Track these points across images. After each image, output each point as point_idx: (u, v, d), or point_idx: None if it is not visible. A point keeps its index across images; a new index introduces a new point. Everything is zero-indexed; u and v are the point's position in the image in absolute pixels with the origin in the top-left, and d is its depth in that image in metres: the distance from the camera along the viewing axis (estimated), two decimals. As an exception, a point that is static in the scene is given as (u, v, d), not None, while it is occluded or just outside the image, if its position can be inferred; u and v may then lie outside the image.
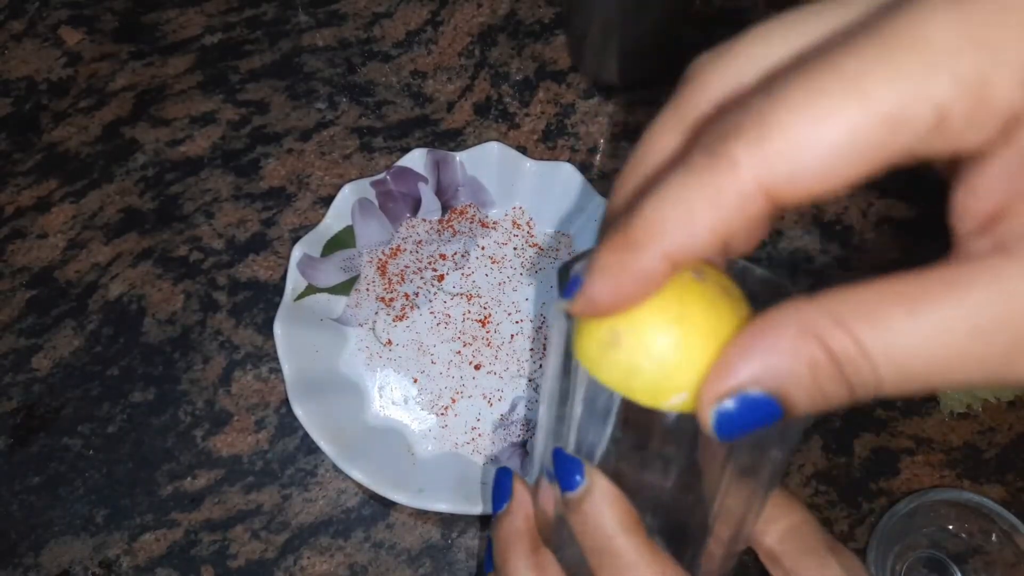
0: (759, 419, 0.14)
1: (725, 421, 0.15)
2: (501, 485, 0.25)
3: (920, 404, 0.42)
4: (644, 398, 0.16)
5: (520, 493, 0.25)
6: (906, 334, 0.13)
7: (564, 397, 0.21)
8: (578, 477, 0.21)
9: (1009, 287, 0.12)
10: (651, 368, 0.16)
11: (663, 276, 0.15)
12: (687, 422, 0.17)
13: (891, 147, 0.13)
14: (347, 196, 0.43)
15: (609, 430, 0.21)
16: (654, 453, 0.21)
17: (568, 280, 0.17)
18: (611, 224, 0.16)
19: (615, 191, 0.19)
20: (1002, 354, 0.13)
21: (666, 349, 0.16)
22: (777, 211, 0.14)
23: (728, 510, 0.21)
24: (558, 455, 0.22)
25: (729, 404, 0.14)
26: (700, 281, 0.16)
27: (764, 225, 0.16)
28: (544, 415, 0.23)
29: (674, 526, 0.23)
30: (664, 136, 0.17)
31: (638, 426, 0.20)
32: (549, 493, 0.24)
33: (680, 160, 0.14)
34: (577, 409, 0.21)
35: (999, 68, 0.12)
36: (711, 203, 0.14)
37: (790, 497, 0.24)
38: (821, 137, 0.13)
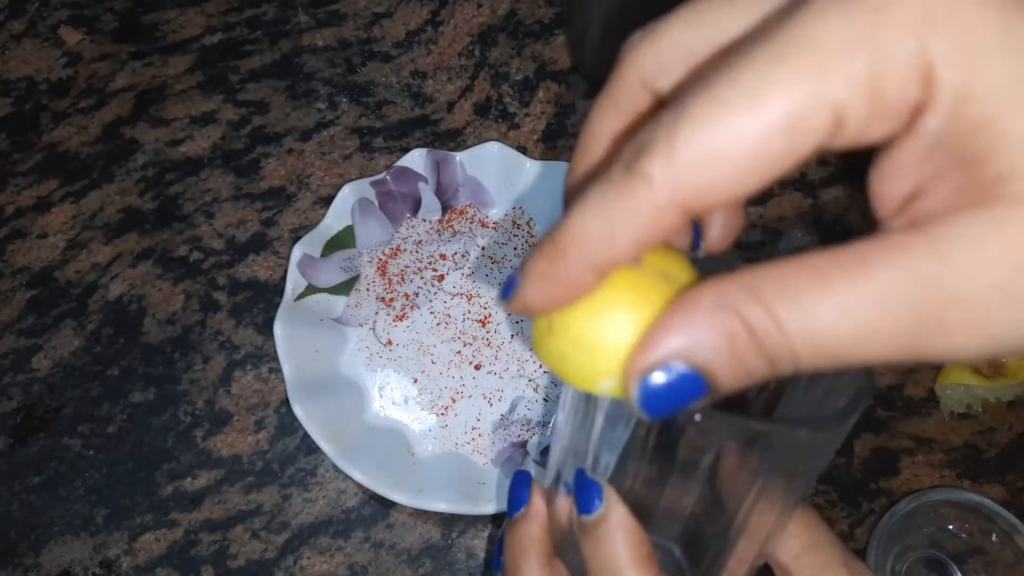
0: (685, 394, 0.14)
1: (651, 396, 0.15)
2: (518, 489, 0.25)
3: (920, 404, 0.42)
4: (577, 383, 0.17)
5: (537, 501, 0.25)
6: (819, 309, 0.13)
7: (585, 408, 0.21)
8: (597, 502, 0.21)
9: (916, 262, 0.12)
10: (578, 354, 0.16)
11: (590, 284, 0.15)
12: (710, 435, 0.17)
13: (794, 152, 0.13)
14: (347, 196, 0.43)
15: (629, 443, 0.21)
16: (676, 468, 0.21)
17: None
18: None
19: (568, 177, 0.19)
20: (911, 330, 0.13)
21: (591, 336, 0.16)
22: (695, 219, 0.14)
23: (752, 527, 0.21)
24: (580, 476, 0.22)
25: (653, 379, 0.14)
26: (635, 269, 0.16)
27: (686, 231, 0.18)
28: (563, 423, 0.23)
29: (693, 542, 0.23)
30: (604, 121, 0.18)
31: (660, 441, 0.20)
32: (564, 503, 0.24)
33: (602, 173, 0.15)
34: (598, 421, 0.20)
35: (890, 65, 0.12)
36: (629, 218, 0.14)
37: (808, 511, 0.24)
38: (724, 152, 0.13)
